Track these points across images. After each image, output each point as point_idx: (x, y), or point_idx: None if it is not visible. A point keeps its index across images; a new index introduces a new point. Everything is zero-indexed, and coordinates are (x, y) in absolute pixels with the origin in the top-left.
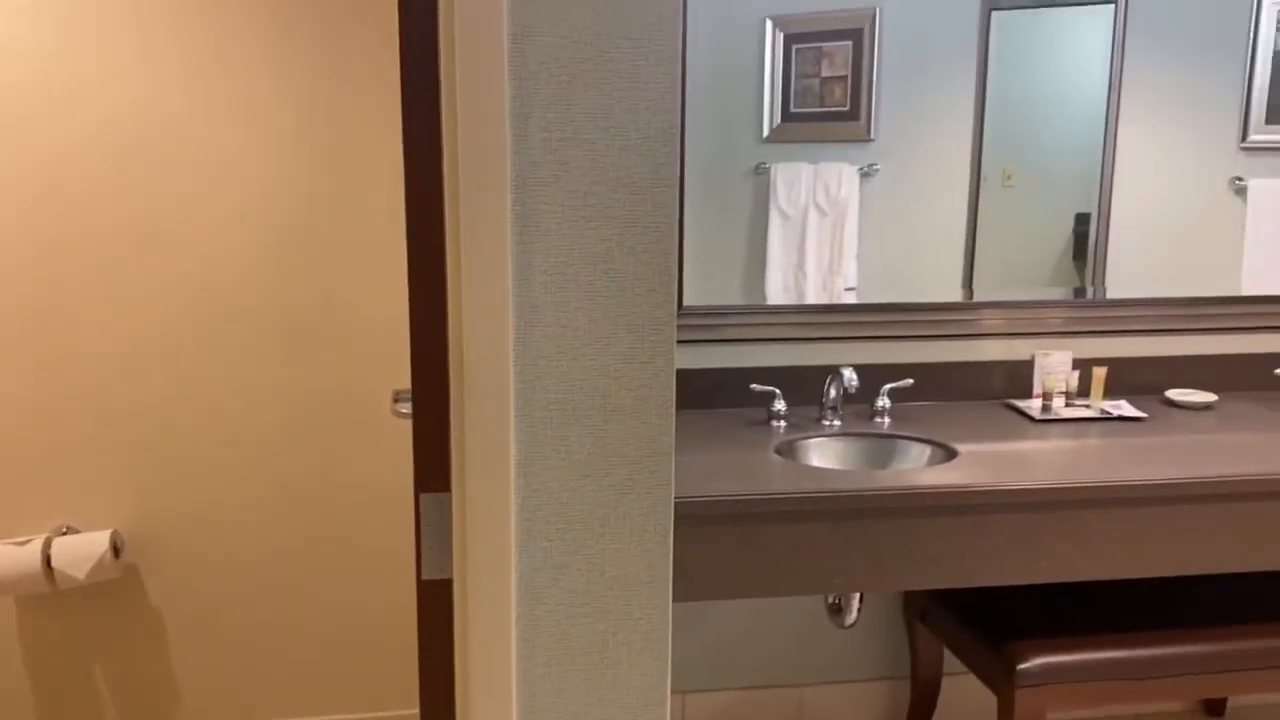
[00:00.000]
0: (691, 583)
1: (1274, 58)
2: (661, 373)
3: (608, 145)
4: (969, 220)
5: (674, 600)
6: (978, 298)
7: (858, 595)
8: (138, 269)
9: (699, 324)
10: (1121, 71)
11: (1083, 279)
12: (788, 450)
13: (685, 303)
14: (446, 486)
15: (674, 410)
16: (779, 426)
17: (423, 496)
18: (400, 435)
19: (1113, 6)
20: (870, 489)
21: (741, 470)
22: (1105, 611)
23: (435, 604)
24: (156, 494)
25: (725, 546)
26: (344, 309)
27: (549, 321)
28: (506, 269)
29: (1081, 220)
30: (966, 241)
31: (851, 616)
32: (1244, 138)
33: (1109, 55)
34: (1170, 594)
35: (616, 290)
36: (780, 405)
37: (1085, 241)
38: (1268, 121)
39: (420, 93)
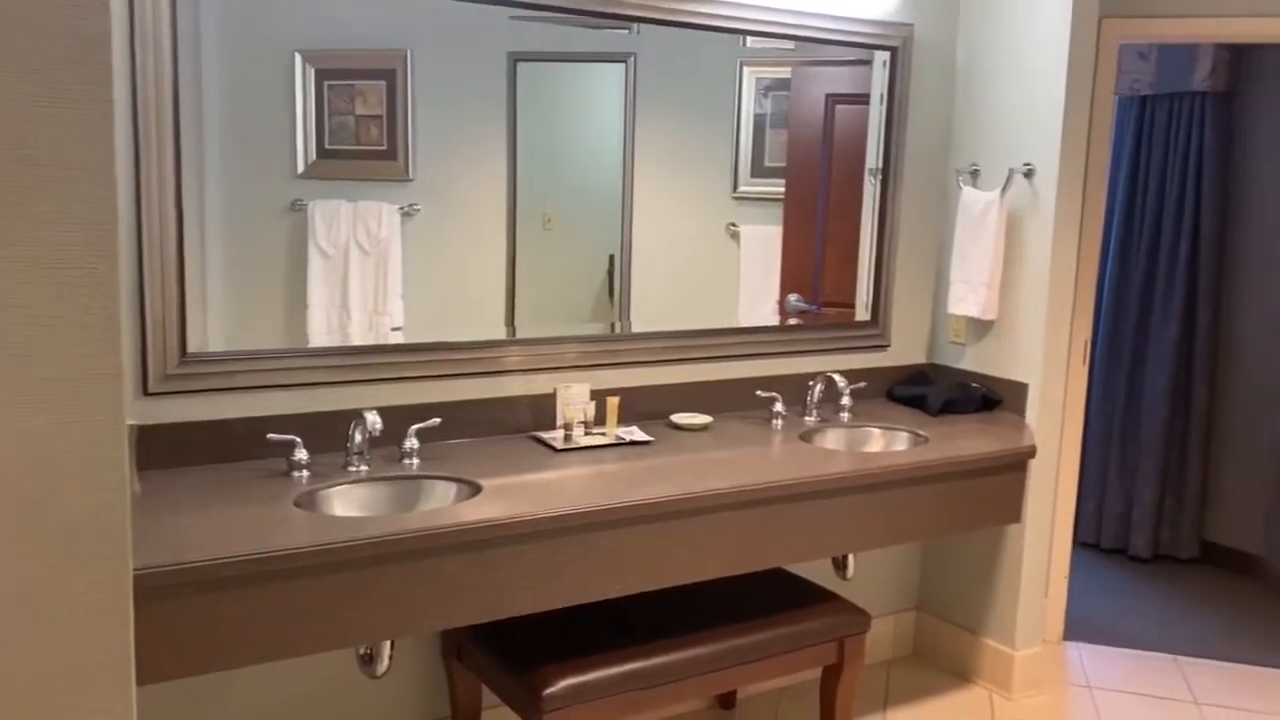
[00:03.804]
0: (200, 655)
1: (754, 120)
2: (109, 431)
3: (20, 175)
4: (509, 261)
5: (185, 675)
6: (520, 335)
7: (388, 643)
8: None
9: (212, 371)
10: (634, 124)
11: (614, 316)
12: (308, 501)
13: (207, 348)
14: None
15: (126, 472)
16: (301, 477)
17: None
18: None
19: (623, 65)
20: (391, 534)
21: (255, 527)
22: (623, 627)
23: None
24: None
25: (236, 611)
26: None
27: None
28: None
29: (612, 261)
30: (508, 282)
31: (383, 665)
32: (735, 188)
33: (623, 109)
34: (678, 603)
35: (46, 340)
36: (302, 454)
37: (614, 281)
38: (752, 175)
39: None
